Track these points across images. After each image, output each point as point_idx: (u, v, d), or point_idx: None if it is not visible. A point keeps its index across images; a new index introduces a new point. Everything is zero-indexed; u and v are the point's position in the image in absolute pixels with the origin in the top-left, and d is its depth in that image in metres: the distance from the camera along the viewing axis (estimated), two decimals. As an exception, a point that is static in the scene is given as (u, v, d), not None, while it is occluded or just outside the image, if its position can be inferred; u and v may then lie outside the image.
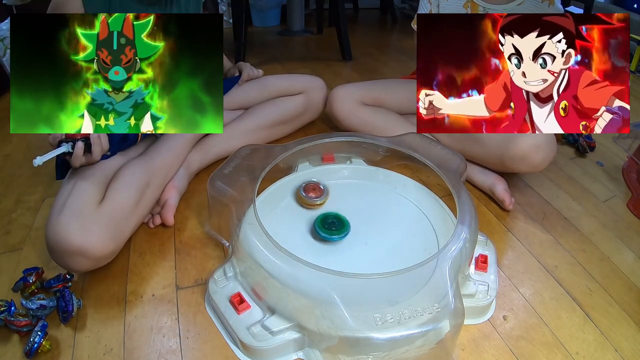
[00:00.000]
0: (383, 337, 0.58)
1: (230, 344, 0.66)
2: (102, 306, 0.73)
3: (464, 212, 0.73)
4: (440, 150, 0.91)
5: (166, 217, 0.89)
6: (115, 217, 0.75)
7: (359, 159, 0.99)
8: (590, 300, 0.76)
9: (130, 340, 0.67)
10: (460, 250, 0.67)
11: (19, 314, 0.67)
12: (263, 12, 2.44)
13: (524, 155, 0.91)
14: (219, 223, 0.85)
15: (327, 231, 0.75)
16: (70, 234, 0.68)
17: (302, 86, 1.19)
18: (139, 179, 0.83)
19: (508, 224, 0.94)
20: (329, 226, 0.76)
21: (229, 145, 1.07)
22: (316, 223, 0.76)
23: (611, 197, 1.05)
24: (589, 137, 1.28)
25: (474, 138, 1.01)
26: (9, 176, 1.09)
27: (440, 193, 0.89)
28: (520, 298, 0.76)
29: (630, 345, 0.68)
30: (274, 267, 0.64)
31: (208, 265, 0.81)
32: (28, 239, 0.88)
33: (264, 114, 1.14)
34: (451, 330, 0.60)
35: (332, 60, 1.94)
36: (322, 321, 0.60)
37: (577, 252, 0.87)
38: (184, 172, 0.99)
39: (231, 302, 0.68)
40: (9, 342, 0.67)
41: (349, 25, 2.35)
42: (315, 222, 0.77)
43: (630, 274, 0.82)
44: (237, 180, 0.80)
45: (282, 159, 0.86)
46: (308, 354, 0.64)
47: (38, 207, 0.97)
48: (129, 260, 0.82)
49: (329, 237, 0.74)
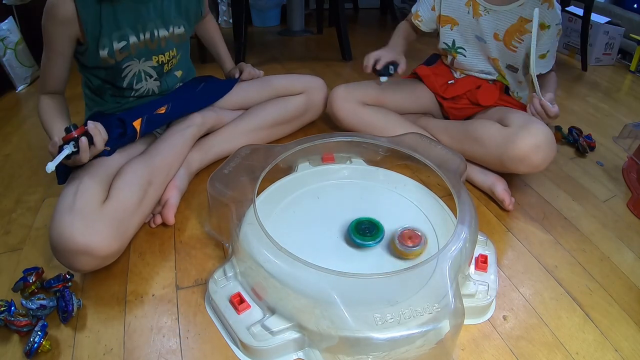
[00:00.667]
0: (383, 337, 0.58)
1: (230, 344, 0.66)
2: (102, 306, 0.73)
3: (464, 212, 0.73)
4: (440, 150, 0.91)
5: (167, 216, 0.89)
6: (119, 215, 0.76)
7: (359, 159, 0.99)
8: (590, 300, 0.76)
9: (130, 340, 0.67)
10: (460, 250, 0.67)
11: (19, 314, 0.67)
12: (263, 12, 2.43)
13: (523, 156, 0.91)
14: (219, 223, 0.85)
15: (362, 237, 0.73)
16: (75, 234, 0.68)
17: (303, 86, 1.19)
18: (141, 178, 0.83)
19: (508, 224, 0.94)
20: (363, 232, 0.74)
21: (229, 144, 1.08)
22: (350, 229, 0.75)
23: (611, 197, 1.05)
24: (589, 137, 1.28)
25: (473, 138, 1.01)
26: (9, 176, 1.09)
27: (440, 193, 0.89)
28: (520, 298, 0.76)
29: (630, 345, 0.68)
30: (274, 267, 0.64)
31: (208, 265, 0.81)
32: (28, 239, 0.88)
33: (264, 114, 1.13)
34: (451, 330, 0.60)
35: (332, 60, 1.94)
36: (322, 321, 0.60)
37: (577, 252, 0.87)
38: (184, 171, 0.99)
39: (231, 302, 0.68)
40: (9, 342, 0.67)
41: (349, 25, 2.34)
42: (349, 228, 0.75)
43: (630, 274, 0.82)
44: (237, 180, 0.80)
45: (282, 159, 0.86)
46: (308, 354, 0.64)
47: (38, 207, 0.97)
48: (129, 260, 0.82)
49: (364, 243, 0.73)
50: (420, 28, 1.16)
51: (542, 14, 0.99)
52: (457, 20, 1.09)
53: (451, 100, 1.16)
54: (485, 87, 1.11)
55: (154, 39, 0.93)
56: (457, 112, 1.16)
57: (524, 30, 1.02)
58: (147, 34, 0.91)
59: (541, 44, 1.02)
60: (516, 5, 1.01)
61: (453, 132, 1.08)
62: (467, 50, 1.11)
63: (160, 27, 0.93)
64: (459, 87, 1.14)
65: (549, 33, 1.01)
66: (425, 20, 1.15)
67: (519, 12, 1.01)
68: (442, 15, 1.11)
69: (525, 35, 1.02)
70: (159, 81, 1.01)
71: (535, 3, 0.99)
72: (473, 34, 1.08)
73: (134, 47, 0.90)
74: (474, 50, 1.11)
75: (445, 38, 1.13)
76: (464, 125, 1.07)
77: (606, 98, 1.68)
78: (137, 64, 0.94)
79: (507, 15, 1.02)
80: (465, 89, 1.13)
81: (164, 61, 0.98)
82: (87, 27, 0.83)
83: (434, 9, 1.12)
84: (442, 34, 1.13)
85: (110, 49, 0.87)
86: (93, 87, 0.97)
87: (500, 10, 1.02)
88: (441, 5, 1.10)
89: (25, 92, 1.60)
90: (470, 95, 1.13)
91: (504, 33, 1.04)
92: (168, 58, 0.99)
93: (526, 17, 1.01)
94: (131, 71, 0.94)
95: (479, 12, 1.05)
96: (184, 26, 0.98)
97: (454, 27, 1.10)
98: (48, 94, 0.91)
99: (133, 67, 0.94)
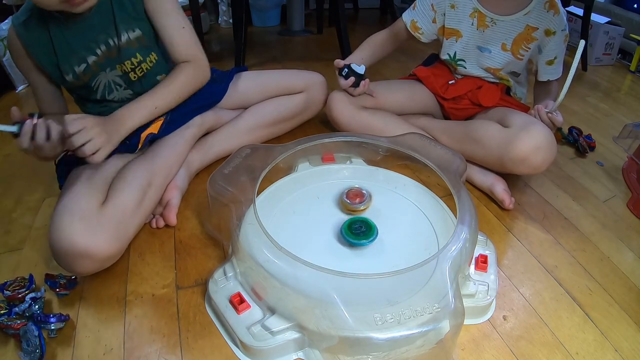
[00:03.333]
0: (383, 337, 0.58)
1: (230, 344, 0.66)
2: (102, 306, 0.73)
3: (464, 212, 0.73)
4: (440, 150, 0.91)
5: (169, 217, 0.89)
6: (119, 218, 0.75)
7: (359, 159, 0.99)
8: (590, 300, 0.76)
9: (130, 340, 0.67)
10: (460, 250, 0.67)
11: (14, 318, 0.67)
12: (263, 12, 2.43)
13: (524, 157, 0.91)
14: (219, 223, 0.85)
15: (355, 237, 0.73)
16: (74, 237, 0.68)
17: (303, 83, 1.17)
18: (141, 179, 0.83)
19: (508, 224, 0.94)
20: (356, 231, 0.74)
21: (229, 144, 1.07)
22: (343, 230, 0.75)
23: (611, 197, 1.05)
24: (589, 137, 1.28)
25: (473, 139, 1.01)
26: (9, 176, 1.09)
27: (440, 193, 0.89)
28: (520, 298, 0.76)
29: (630, 345, 0.68)
30: (274, 267, 0.64)
31: (208, 265, 0.81)
32: (28, 239, 0.88)
33: (263, 113, 1.13)
34: (451, 330, 0.60)
35: (332, 60, 1.92)
36: (322, 321, 0.60)
37: (577, 252, 0.87)
38: (185, 172, 0.99)
39: (231, 302, 0.68)
40: (7, 344, 0.67)
41: (349, 25, 2.34)
42: (342, 229, 0.75)
43: (630, 274, 0.82)
44: (237, 180, 0.80)
45: (282, 159, 0.86)
46: (308, 354, 0.64)
47: (38, 207, 0.97)
48: (129, 260, 0.82)
49: (358, 242, 0.73)
50: (421, 40, 1.15)
51: (547, 20, 0.99)
52: (461, 32, 1.08)
53: (452, 100, 1.16)
54: (486, 88, 1.11)
55: (111, 48, 0.88)
56: (458, 113, 1.16)
57: (530, 38, 1.02)
58: (102, 46, 0.87)
59: (547, 49, 1.03)
60: (522, 14, 1.01)
61: (453, 133, 1.08)
62: (467, 62, 1.11)
63: (112, 36, 0.87)
64: (460, 88, 1.14)
65: (555, 39, 1.01)
66: (426, 33, 1.13)
67: (525, 21, 1.01)
68: (446, 27, 1.09)
69: (532, 44, 1.02)
70: (130, 89, 0.94)
71: (541, 10, 0.99)
72: (475, 45, 1.08)
73: (95, 65, 0.88)
74: (472, 62, 1.10)
75: (449, 49, 1.12)
76: (464, 126, 1.07)
77: (606, 98, 1.68)
78: (105, 75, 0.90)
79: (514, 25, 1.02)
80: (467, 89, 1.13)
81: (126, 70, 0.91)
82: (40, 60, 0.86)
83: (434, 21, 1.11)
84: (446, 45, 1.12)
85: (73, 74, 0.87)
86: (75, 100, 0.98)
87: (507, 20, 1.02)
88: (445, 17, 1.09)
89: (25, 92, 1.60)
90: (471, 95, 1.13)
91: (511, 43, 1.03)
92: (132, 66, 0.91)
93: (532, 25, 1.01)
94: (101, 83, 0.91)
95: (486, 23, 1.04)
96: (139, 27, 0.90)
97: (458, 39, 1.09)
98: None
99: (102, 79, 0.91)
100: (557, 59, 1.04)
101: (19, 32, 0.84)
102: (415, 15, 1.13)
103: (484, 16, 1.03)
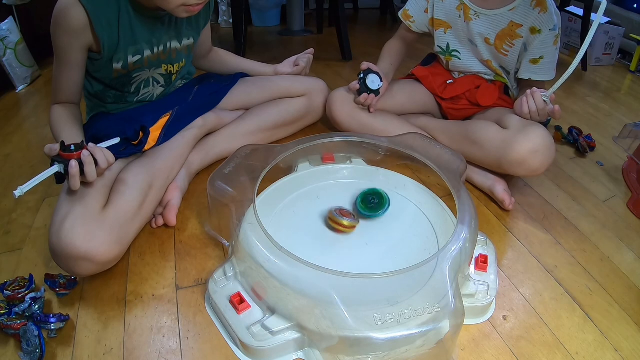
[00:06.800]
0: (383, 337, 0.58)
1: (230, 344, 0.66)
2: (102, 306, 0.73)
3: (464, 212, 0.73)
4: (440, 151, 0.91)
5: (169, 217, 0.89)
6: (120, 220, 0.75)
7: (359, 159, 0.99)
8: (590, 300, 0.76)
9: (130, 340, 0.67)
10: (460, 250, 0.67)
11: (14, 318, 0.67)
12: (263, 12, 2.43)
13: (522, 160, 0.90)
14: (219, 223, 0.85)
15: (370, 210, 0.79)
16: (75, 240, 0.68)
17: (304, 88, 1.18)
18: (141, 182, 0.83)
19: (508, 224, 0.94)
20: (370, 204, 0.80)
21: (229, 145, 1.07)
22: (357, 204, 0.82)
23: (611, 197, 1.05)
24: (589, 137, 1.28)
25: (472, 141, 1.01)
26: (9, 176, 1.09)
27: (440, 193, 0.89)
28: (520, 298, 0.76)
29: (630, 345, 0.68)
30: (274, 267, 0.64)
31: (208, 265, 0.81)
32: (28, 239, 0.88)
33: (265, 116, 1.13)
34: (451, 330, 0.60)
35: (332, 60, 1.94)
36: (322, 321, 0.60)
37: (577, 252, 0.87)
38: (185, 172, 0.99)
39: (231, 302, 0.68)
40: (7, 344, 0.67)
41: (349, 25, 2.35)
42: (356, 203, 0.82)
43: (630, 274, 0.82)
44: (237, 180, 0.80)
45: (282, 159, 0.86)
46: (308, 354, 0.64)
47: (38, 207, 0.97)
48: (129, 260, 0.82)
49: (374, 214, 0.80)
50: (411, 28, 1.15)
51: (533, 18, 0.98)
52: (450, 24, 1.09)
53: (450, 100, 1.16)
54: (484, 87, 1.11)
55: (167, 50, 0.94)
56: (456, 113, 1.16)
57: (515, 34, 1.01)
58: (161, 46, 0.92)
59: (533, 48, 1.00)
60: (507, 9, 1.00)
61: (452, 134, 1.08)
62: (462, 53, 1.11)
63: (173, 39, 0.94)
64: (458, 87, 1.14)
65: (541, 38, 0.98)
66: (417, 22, 1.14)
67: (510, 17, 1.00)
68: (435, 18, 1.10)
69: (517, 40, 1.01)
70: (164, 87, 1.02)
71: (527, 7, 0.98)
72: (466, 37, 1.08)
73: (147, 60, 0.91)
74: (468, 53, 1.10)
75: (440, 41, 1.12)
76: (462, 127, 1.07)
77: (606, 98, 1.68)
78: (148, 72, 0.95)
79: (497, 20, 1.01)
80: (465, 88, 1.13)
81: (172, 71, 0.99)
82: (103, 40, 0.82)
83: (427, 11, 1.11)
84: (437, 37, 1.12)
85: (124, 62, 0.87)
86: (93, 92, 0.96)
87: (490, 14, 1.01)
88: (434, 8, 1.09)
89: (25, 92, 1.60)
90: (469, 95, 1.13)
91: (494, 37, 1.03)
92: (177, 69, 1.00)
93: (517, 22, 1.00)
94: (140, 78, 0.95)
95: (470, 16, 1.04)
96: (194, 37, 1.00)
97: (447, 31, 1.10)
98: (61, 104, 0.88)
99: (143, 75, 0.94)
100: (543, 59, 1.00)
101: (87, 2, 0.77)
102: (409, 4, 1.14)
103: (469, 9, 1.04)
